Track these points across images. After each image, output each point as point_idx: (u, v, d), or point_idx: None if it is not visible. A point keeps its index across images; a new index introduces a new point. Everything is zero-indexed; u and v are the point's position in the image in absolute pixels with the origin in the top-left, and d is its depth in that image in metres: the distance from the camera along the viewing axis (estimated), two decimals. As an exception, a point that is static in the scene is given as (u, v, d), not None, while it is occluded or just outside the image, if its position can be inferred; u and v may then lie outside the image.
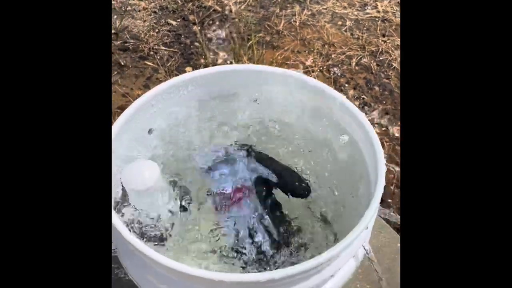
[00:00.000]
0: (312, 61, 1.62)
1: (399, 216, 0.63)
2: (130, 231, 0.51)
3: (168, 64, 1.67)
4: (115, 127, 0.61)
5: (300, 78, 0.66)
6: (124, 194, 0.59)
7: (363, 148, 0.62)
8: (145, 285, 0.56)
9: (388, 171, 1.26)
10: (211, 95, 0.70)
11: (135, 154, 0.64)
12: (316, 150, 0.70)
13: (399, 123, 1.41)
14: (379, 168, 0.56)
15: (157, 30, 1.83)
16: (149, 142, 0.68)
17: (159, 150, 0.68)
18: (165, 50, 1.74)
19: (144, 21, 1.89)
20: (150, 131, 0.69)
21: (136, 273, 0.57)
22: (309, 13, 1.83)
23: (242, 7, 1.89)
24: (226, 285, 0.48)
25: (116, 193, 0.59)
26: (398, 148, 1.35)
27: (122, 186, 0.58)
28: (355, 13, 1.82)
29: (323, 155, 0.69)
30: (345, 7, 1.85)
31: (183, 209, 0.64)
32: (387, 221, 1.04)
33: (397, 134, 1.38)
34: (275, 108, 0.69)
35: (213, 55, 1.69)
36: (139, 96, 1.76)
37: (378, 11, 1.81)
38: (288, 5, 1.89)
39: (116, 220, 0.52)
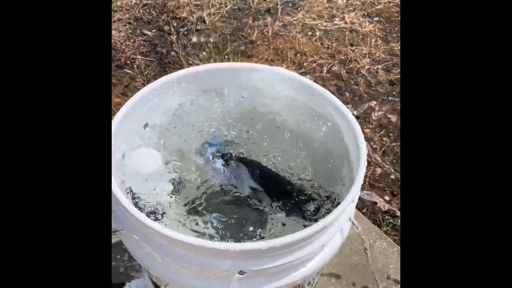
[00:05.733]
0: (285, 69, 1.69)
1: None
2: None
3: (146, 73, 1.71)
4: (117, 119, 0.65)
5: (286, 73, 0.73)
6: (127, 178, 0.63)
7: (344, 135, 0.69)
8: (149, 261, 0.60)
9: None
10: (203, 91, 0.75)
11: (135, 145, 0.68)
12: (300, 139, 0.76)
13: (370, 126, 1.50)
14: (361, 149, 0.62)
15: (133, 40, 1.87)
16: (146, 134, 0.72)
17: (155, 141, 0.72)
18: (141, 59, 1.78)
19: (120, 31, 1.92)
20: (145, 125, 0.73)
21: (139, 251, 0.61)
22: (281, 24, 1.92)
23: (216, 18, 1.95)
24: (230, 253, 0.53)
25: (118, 178, 0.63)
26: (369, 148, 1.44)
27: (125, 170, 0.63)
28: (324, 24, 1.92)
29: (308, 144, 0.75)
30: (314, 19, 1.95)
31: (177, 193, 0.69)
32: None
33: (370, 135, 1.47)
34: (263, 102, 0.75)
35: (189, 64, 1.74)
36: (117, 104, 1.78)
37: (346, 22, 1.92)
38: (260, 16, 1.97)
39: (125, 200, 0.56)
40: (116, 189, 0.57)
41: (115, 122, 0.64)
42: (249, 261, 0.55)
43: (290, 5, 2.04)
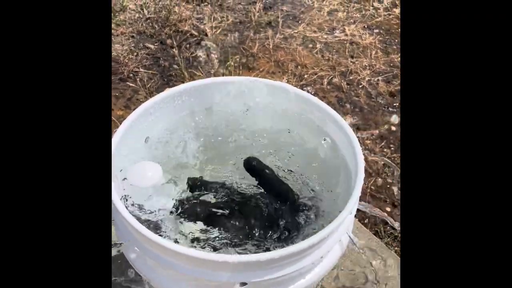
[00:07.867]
0: (286, 81, 1.71)
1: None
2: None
3: (148, 86, 1.72)
4: (119, 132, 0.66)
5: (285, 87, 0.74)
6: (128, 191, 0.64)
7: (342, 148, 0.70)
8: (150, 274, 0.61)
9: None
10: (204, 105, 0.77)
11: (136, 158, 0.69)
12: (299, 152, 0.77)
13: (371, 138, 1.51)
14: (358, 161, 0.63)
15: (135, 54, 1.89)
16: (147, 148, 0.73)
17: (156, 154, 0.74)
18: (144, 72, 1.80)
19: (123, 45, 1.94)
20: (146, 139, 0.74)
21: (140, 263, 0.62)
22: (282, 36, 1.94)
23: (218, 31, 1.98)
24: (229, 265, 0.53)
25: (119, 191, 0.64)
26: (370, 159, 1.44)
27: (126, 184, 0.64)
28: (325, 36, 1.94)
29: (306, 157, 0.76)
30: (315, 31, 1.97)
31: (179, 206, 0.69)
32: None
33: (370, 146, 1.47)
34: (264, 116, 0.76)
35: (191, 77, 1.75)
36: (120, 116, 1.79)
37: (346, 35, 1.93)
38: (261, 29, 2.00)
39: (126, 212, 0.57)
40: (117, 201, 0.58)
41: (118, 135, 0.66)
42: (248, 273, 0.56)
43: (290, 18, 2.06)
